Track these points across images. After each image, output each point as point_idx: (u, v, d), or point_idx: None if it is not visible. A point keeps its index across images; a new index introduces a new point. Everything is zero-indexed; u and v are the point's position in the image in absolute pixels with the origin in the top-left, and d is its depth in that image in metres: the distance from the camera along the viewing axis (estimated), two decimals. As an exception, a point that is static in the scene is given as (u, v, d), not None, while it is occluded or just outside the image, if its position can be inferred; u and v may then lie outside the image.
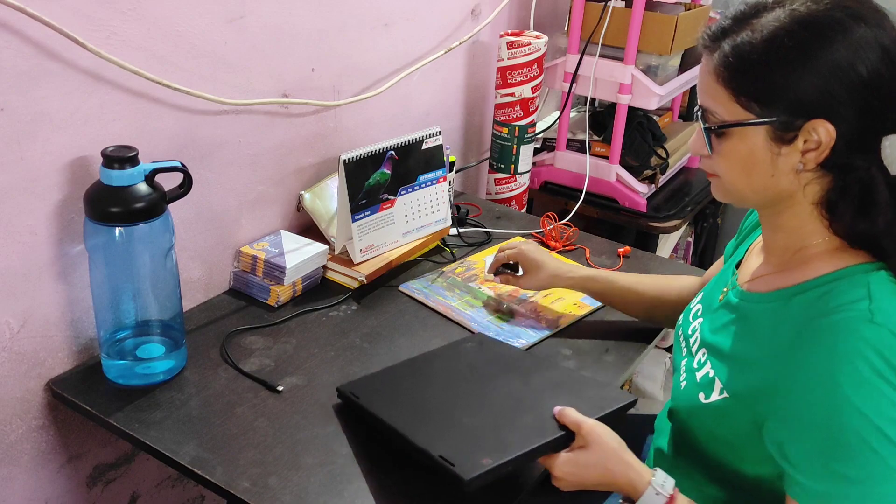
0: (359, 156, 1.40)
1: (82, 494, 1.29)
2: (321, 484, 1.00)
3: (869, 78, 0.80)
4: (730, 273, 1.05)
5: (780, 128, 0.83)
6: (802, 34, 0.81)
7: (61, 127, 1.08)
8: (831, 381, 0.79)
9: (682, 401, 1.01)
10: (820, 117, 0.81)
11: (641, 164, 2.04)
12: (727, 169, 0.89)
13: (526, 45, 1.82)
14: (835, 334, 0.80)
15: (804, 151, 0.83)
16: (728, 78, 0.85)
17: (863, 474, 0.78)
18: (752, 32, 0.83)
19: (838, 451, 0.79)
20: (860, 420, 0.78)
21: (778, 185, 0.87)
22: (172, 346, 1.18)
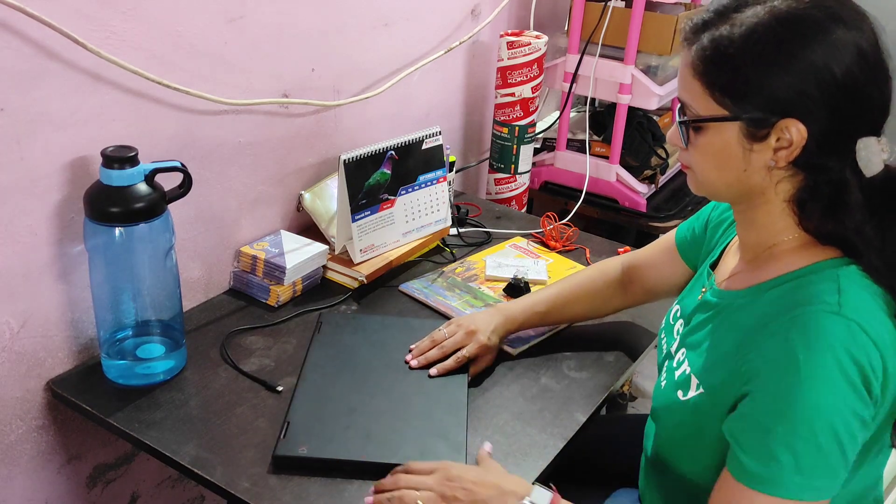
0: (359, 156, 1.40)
1: (82, 495, 1.29)
2: (321, 484, 1.00)
3: (843, 80, 0.80)
4: (705, 274, 1.05)
5: (753, 125, 0.83)
6: (780, 32, 0.81)
7: (61, 127, 1.08)
8: (794, 371, 0.79)
9: (661, 400, 1.02)
10: (792, 116, 0.81)
11: (641, 164, 2.04)
12: (701, 162, 0.90)
13: (526, 45, 1.82)
14: (802, 326, 0.81)
15: (776, 149, 0.84)
16: (703, 72, 0.85)
17: (803, 465, 0.79)
18: (730, 27, 0.83)
19: (786, 438, 0.79)
20: (813, 412, 0.78)
21: (750, 181, 0.87)
22: (172, 346, 1.18)
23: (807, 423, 0.79)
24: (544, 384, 1.21)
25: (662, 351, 1.10)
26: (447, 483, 0.94)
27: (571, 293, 1.29)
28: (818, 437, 0.78)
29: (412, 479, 0.96)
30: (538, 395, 1.19)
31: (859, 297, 0.82)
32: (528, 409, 1.16)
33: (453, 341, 1.20)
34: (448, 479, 0.95)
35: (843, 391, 0.78)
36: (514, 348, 1.28)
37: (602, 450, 1.32)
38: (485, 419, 1.13)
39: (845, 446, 0.80)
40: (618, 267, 1.30)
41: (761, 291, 0.90)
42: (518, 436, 1.10)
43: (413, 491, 0.94)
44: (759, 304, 0.89)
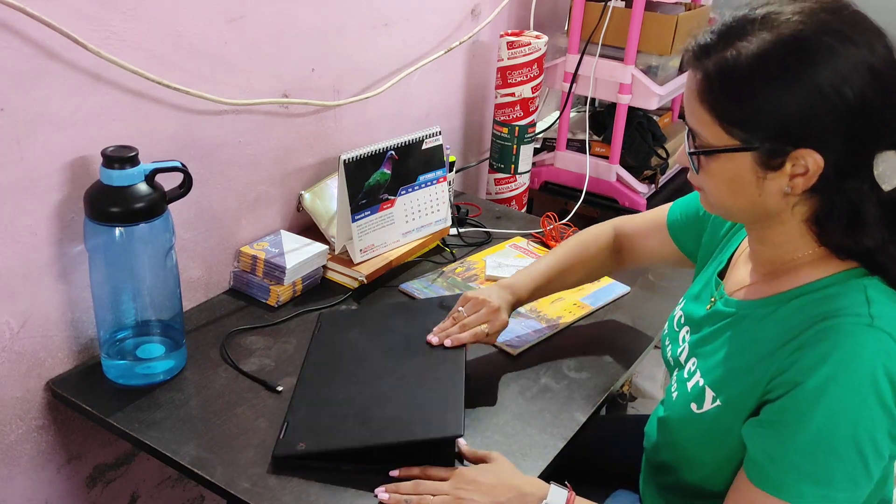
0: (359, 156, 1.40)
1: (82, 495, 1.29)
2: (321, 484, 1.00)
3: (856, 103, 0.77)
4: (713, 282, 1.04)
5: (766, 155, 0.81)
6: (787, 59, 0.77)
7: (61, 127, 1.08)
8: (824, 382, 0.79)
9: (674, 412, 1.01)
10: (807, 146, 0.79)
11: (641, 164, 2.05)
12: (713, 188, 0.88)
13: (526, 45, 1.82)
14: (834, 338, 0.80)
15: (792, 176, 0.81)
16: (712, 102, 0.82)
17: (824, 475, 0.79)
18: (736, 54, 0.79)
19: (809, 447, 0.79)
20: (840, 425, 0.78)
21: (765, 205, 0.85)
22: (172, 346, 1.18)
23: (832, 433, 0.78)
24: (544, 384, 1.21)
25: (668, 358, 1.09)
26: (464, 487, 0.95)
27: (568, 262, 1.28)
28: (841, 449, 0.78)
29: (429, 484, 0.96)
30: (538, 395, 1.19)
31: (889, 309, 0.81)
32: (528, 409, 1.16)
33: (477, 318, 1.18)
34: (465, 482, 0.95)
35: (872, 405, 0.78)
36: (515, 348, 1.28)
37: (602, 450, 1.32)
38: (485, 419, 1.13)
39: (869, 460, 0.79)
40: (609, 232, 1.30)
41: (782, 302, 0.88)
42: (518, 436, 1.10)
43: (429, 496, 0.94)
44: (781, 314, 0.88)
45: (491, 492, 0.94)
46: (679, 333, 1.07)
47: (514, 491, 0.94)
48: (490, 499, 0.94)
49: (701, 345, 0.99)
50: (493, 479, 0.96)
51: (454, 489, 0.95)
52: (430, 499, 0.94)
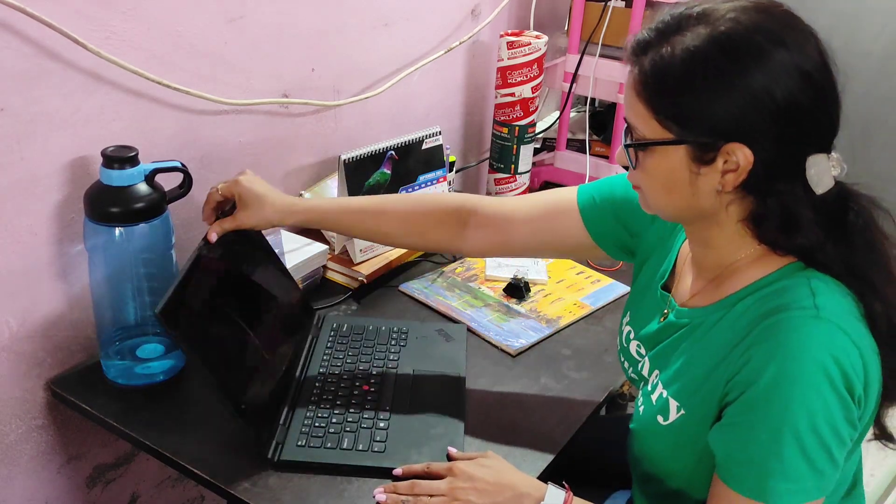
0: (359, 156, 1.40)
1: (82, 495, 1.29)
2: (321, 484, 1.00)
3: (786, 104, 0.78)
4: (658, 296, 1.03)
5: (699, 149, 0.82)
6: (719, 57, 0.78)
7: (61, 127, 1.08)
8: (777, 378, 0.79)
9: (642, 424, 1.00)
10: (737, 141, 0.79)
11: (641, 164, 2.04)
12: (649, 185, 0.89)
13: (526, 45, 1.82)
14: (783, 332, 0.80)
15: (723, 172, 0.82)
16: (647, 96, 0.83)
17: (790, 470, 0.80)
18: (671, 50, 0.80)
19: (771, 445, 0.80)
20: (798, 418, 0.78)
21: (700, 205, 0.86)
22: (172, 346, 1.18)
23: (791, 429, 0.79)
24: (544, 384, 1.21)
25: (631, 376, 1.09)
26: (460, 486, 0.95)
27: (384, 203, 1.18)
28: (803, 440, 0.79)
29: (426, 484, 0.96)
30: (539, 394, 1.19)
31: (834, 299, 0.82)
32: (528, 408, 1.16)
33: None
34: (462, 481, 0.95)
35: (825, 394, 0.78)
36: (514, 348, 1.28)
37: (602, 450, 1.32)
38: (485, 419, 1.13)
39: (832, 448, 0.80)
40: (457, 200, 1.17)
41: (731, 304, 0.89)
42: (518, 436, 1.10)
43: (426, 497, 0.94)
44: (731, 317, 0.88)
45: (488, 491, 0.94)
46: (629, 348, 1.07)
47: (512, 490, 0.94)
48: (487, 499, 0.94)
49: (660, 357, 0.99)
50: (490, 478, 0.96)
51: (451, 489, 0.95)
52: (426, 500, 0.94)
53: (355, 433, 1.05)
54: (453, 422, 1.09)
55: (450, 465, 0.98)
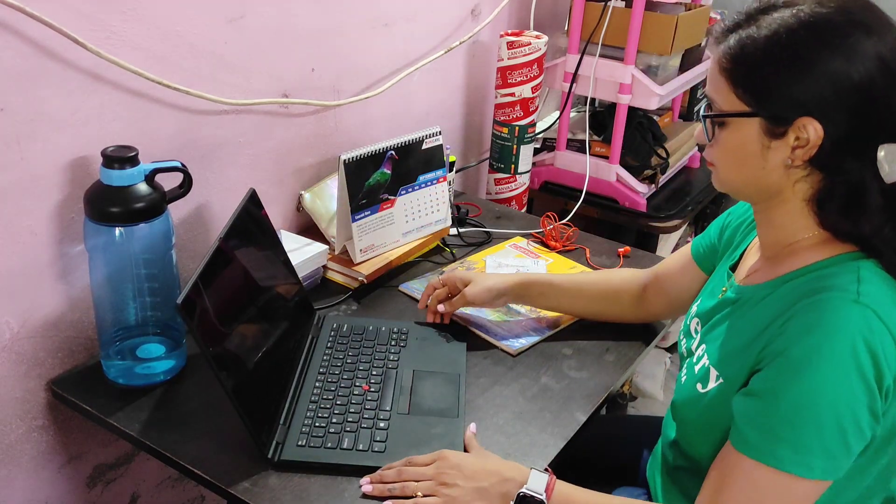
0: (359, 156, 1.40)
1: (82, 495, 1.29)
2: (321, 484, 1.00)
3: (862, 85, 0.82)
4: (725, 275, 1.07)
5: (772, 122, 0.86)
6: (802, 36, 0.83)
7: (61, 127, 1.08)
8: (807, 352, 0.81)
9: (682, 394, 1.03)
10: (810, 116, 0.83)
11: (641, 163, 2.04)
12: (722, 158, 0.93)
13: (526, 44, 1.82)
14: (820, 310, 0.83)
15: (793, 147, 0.86)
16: (728, 70, 0.87)
17: (800, 442, 0.82)
18: (756, 28, 0.85)
19: (788, 413, 0.82)
20: (820, 394, 0.80)
21: (768, 179, 0.89)
22: (172, 346, 1.18)
23: (812, 402, 0.81)
24: (544, 384, 1.21)
25: (682, 351, 1.12)
26: (446, 471, 0.96)
27: (579, 281, 1.32)
28: (820, 417, 0.81)
29: (412, 471, 0.97)
30: (538, 394, 1.19)
31: (878, 288, 0.84)
32: (529, 408, 1.16)
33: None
34: (447, 467, 0.96)
35: (853, 379, 0.80)
36: (515, 348, 1.28)
37: (602, 450, 1.32)
38: (485, 418, 1.13)
39: (848, 434, 0.81)
40: (642, 277, 1.30)
41: (780, 283, 0.92)
42: (518, 436, 1.10)
43: (412, 483, 0.96)
44: (778, 294, 0.91)
45: (474, 476, 0.95)
46: (690, 326, 1.10)
47: (497, 476, 0.96)
48: (473, 483, 0.95)
49: (709, 331, 1.02)
50: (475, 464, 0.97)
51: (438, 473, 0.96)
52: (413, 485, 0.95)
53: (355, 433, 1.05)
54: (453, 422, 1.09)
55: (435, 453, 0.99)
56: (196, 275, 0.96)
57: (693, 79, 2.14)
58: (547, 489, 0.94)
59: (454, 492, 0.94)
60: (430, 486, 0.95)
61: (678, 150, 2.19)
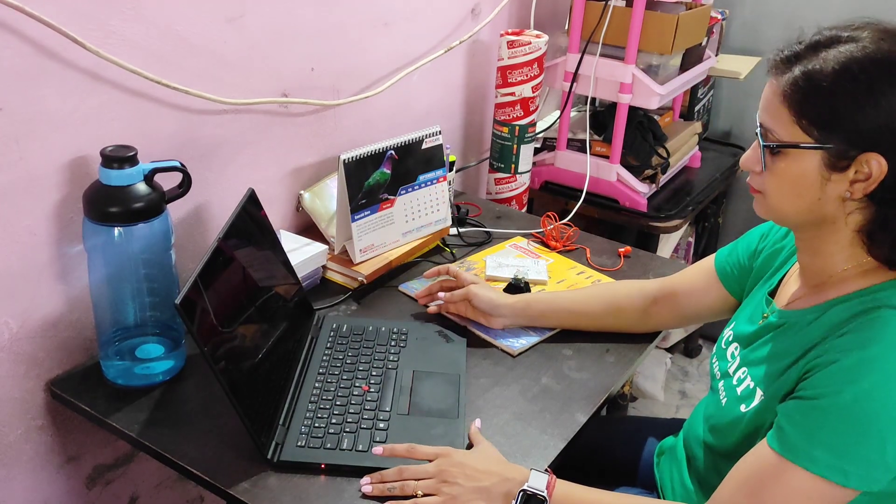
0: (359, 156, 1.39)
1: (82, 495, 1.29)
2: (321, 484, 0.99)
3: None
4: (763, 301, 1.06)
5: (835, 155, 0.86)
6: (873, 70, 0.83)
7: (60, 127, 1.08)
8: (863, 362, 0.82)
9: (723, 417, 1.03)
10: (875, 151, 0.84)
11: (642, 163, 2.04)
12: (776, 188, 0.92)
13: (526, 44, 1.81)
14: (877, 325, 0.84)
15: (853, 181, 0.86)
16: (794, 101, 0.87)
17: (839, 446, 0.82)
18: (824, 61, 0.85)
19: (832, 418, 0.83)
20: (869, 405, 0.81)
21: (822, 210, 0.90)
22: (172, 346, 1.18)
23: (858, 411, 0.81)
24: (545, 384, 1.21)
25: (715, 372, 1.12)
26: (448, 469, 0.96)
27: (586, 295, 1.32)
28: (864, 425, 0.81)
29: (412, 469, 0.97)
30: (539, 395, 1.18)
31: None
32: (529, 409, 1.16)
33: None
34: (449, 465, 0.97)
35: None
36: (515, 349, 1.28)
37: (602, 451, 1.32)
38: (485, 419, 1.13)
39: (888, 446, 0.81)
40: (650, 287, 1.28)
41: (829, 307, 0.92)
42: (519, 436, 1.10)
43: (412, 481, 0.96)
44: (827, 316, 0.91)
45: (475, 476, 0.96)
46: (727, 350, 1.10)
47: (498, 476, 0.96)
48: (474, 483, 0.95)
49: (751, 353, 1.02)
50: (477, 463, 0.98)
51: (440, 471, 0.96)
52: (413, 484, 0.96)
53: (355, 433, 1.05)
54: (453, 422, 1.09)
55: (438, 448, 1.00)
56: (195, 275, 0.96)
57: (693, 78, 2.14)
58: (548, 487, 0.95)
59: (455, 490, 0.94)
60: (431, 484, 0.96)
61: (679, 150, 2.19)
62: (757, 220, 1.05)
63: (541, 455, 1.07)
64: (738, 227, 2.58)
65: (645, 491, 1.22)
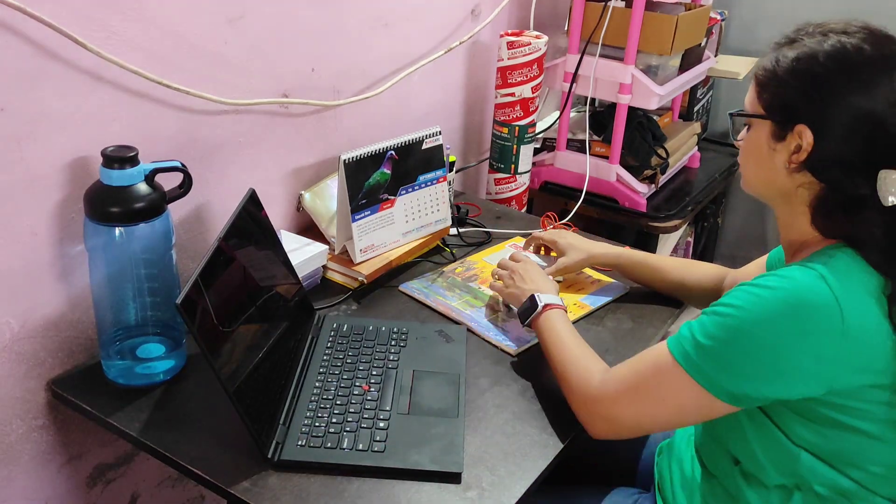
0: (359, 156, 1.40)
1: (82, 494, 1.29)
2: (321, 484, 1.00)
3: (867, 114, 0.91)
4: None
5: (778, 126, 0.98)
6: (825, 63, 0.93)
7: (61, 127, 1.08)
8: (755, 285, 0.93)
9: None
10: (804, 124, 0.94)
11: (641, 163, 2.04)
12: (744, 159, 1.06)
13: (526, 44, 1.82)
14: (783, 271, 0.93)
15: (792, 152, 0.97)
16: (758, 79, 1.01)
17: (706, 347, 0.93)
18: (789, 49, 0.97)
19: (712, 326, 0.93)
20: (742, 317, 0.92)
21: (777, 181, 1.00)
22: (172, 345, 1.18)
23: (733, 323, 0.91)
24: (545, 384, 1.21)
25: None
26: (516, 272, 1.34)
27: (671, 261, 1.45)
28: (737, 339, 0.91)
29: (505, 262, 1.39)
30: (539, 395, 1.19)
31: (845, 264, 0.92)
32: (529, 408, 1.16)
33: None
34: (519, 272, 1.33)
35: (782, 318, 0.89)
36: (515, 348, 1.28)
37: (602, 450, 1.32)
38: (485, 419, 1.13)
39: (762, 362, 0.90)
40: (722, 273, 1.38)
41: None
42: (518, 435, 1.10)
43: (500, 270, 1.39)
44: None
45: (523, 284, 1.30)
46: None
47: (535, 286, 1.29)
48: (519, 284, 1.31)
49: None
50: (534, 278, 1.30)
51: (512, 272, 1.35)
52: (498, 272, 1.39)
53: (355, 433, 1.05)
54: (453, 422, 1.09)
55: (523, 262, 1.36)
56: (196, 274, 0.96)
57: (693, 79, 2.14)
58: (547, 306, 1.21)
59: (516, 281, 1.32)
60: (505, 274, 1.36)
61: (678, 150, 2.19)
62: (756, 220, 1.08)
63: (540, 454, 1.07)
64: (738, 227, 2.58)
65: (644, 491, 1.22)
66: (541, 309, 1.21)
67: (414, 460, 1.02)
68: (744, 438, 1.00)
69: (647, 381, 1.00)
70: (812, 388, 0.90)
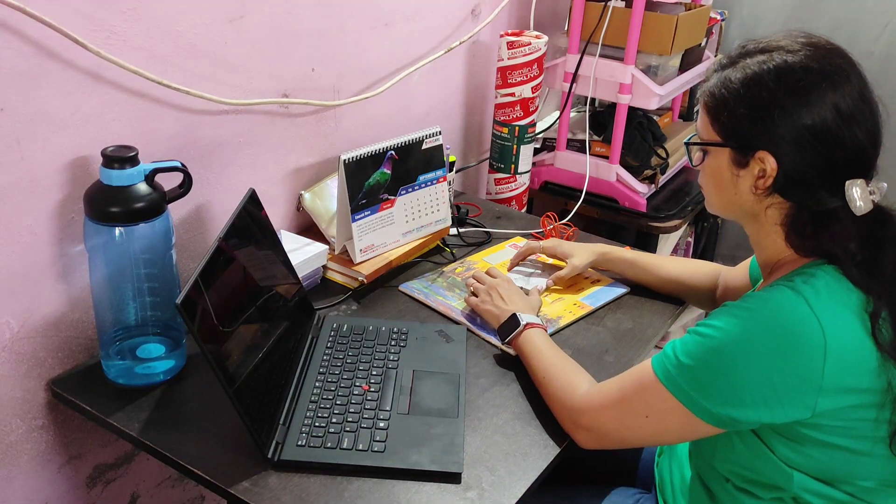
0: (359, 156, 1.40)
1: (82, 494, 1.29)
2: (321, 484, 1.00)
3: (816, 129, 0.91)
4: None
5: (738, 153, 0.97)
6: (768, 83, 0.93)
7: (61, 127, 1.08)
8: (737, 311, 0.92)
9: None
10: (767, 150, 0.94)
11: (641, 163, 2.04)
12: (705, 183, 1.05)
13: (526, 44, 1.82)
14: (763, 293, 0.93)
15: (757, 177, 0.96)
16: (707, 105, 1.00)
17: (686, 366, 0.93)
18: (734, 71, 0.96)
19: (694, 346, 0.93)
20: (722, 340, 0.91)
21: (743, 203, 1.00)
22: (172, 345, 1.18)
23: (713, 344, 0.91)
24: (544, 384, 1.21)
25: None
26: (494, 289, 1.33)
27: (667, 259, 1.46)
28: (717, 360, 0.91)
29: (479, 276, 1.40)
30: (538, 395, 1.19)
31: (826, 283, 0.91)
32: (528, 408, 1.16)
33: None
34: (498, 290, 1.33)
35: (762, 340, 0.89)
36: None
37: (601, 450, 1.32)
38: (485, 419, 1.13)
39: (741, 384, 0.89)
40: (717, 270, 1.39)
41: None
42: (518, 436, 1.10)
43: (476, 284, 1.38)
44: None
45: (501, 303, 1.30)
46: None
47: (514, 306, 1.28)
48: (498, 303, 1.30)
49: None
50: (513, 297, 1.31)
51: (490, 287, 1.34)
52: (476, 285, 1.39)
53: (355, 433, 1.05)
54: (453, 422, 1.09)
55: (501, 278, 1.37)
56: (196, 274, 0.96)
57: (693, 79, 2.14)
58: (528, 326, 1.21)
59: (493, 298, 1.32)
60: (482, 289, 1.35)
61: (678, 151, 2.19)
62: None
63: (540, 454, 1.07)
64: (738, 227, 2.57)
65: (645, 491, 1.22)
66: (522, 328, 1.21)
67: (414, 460, 1.02)
68: (735, 458, 0.99)
69: (630, 396, 1.00)
70: (798, 411, 0.89)
